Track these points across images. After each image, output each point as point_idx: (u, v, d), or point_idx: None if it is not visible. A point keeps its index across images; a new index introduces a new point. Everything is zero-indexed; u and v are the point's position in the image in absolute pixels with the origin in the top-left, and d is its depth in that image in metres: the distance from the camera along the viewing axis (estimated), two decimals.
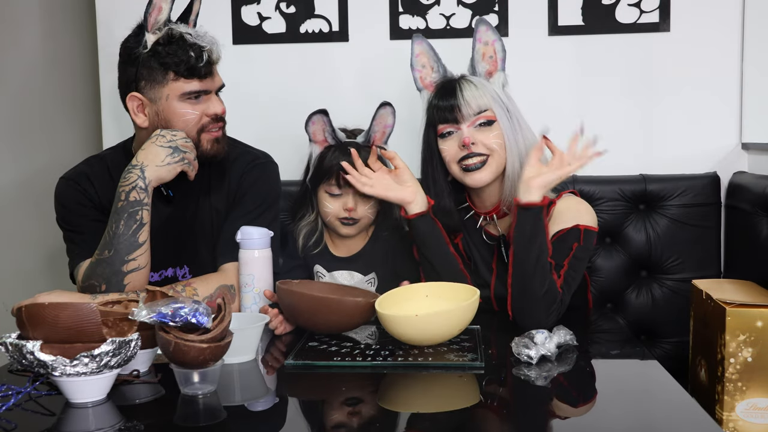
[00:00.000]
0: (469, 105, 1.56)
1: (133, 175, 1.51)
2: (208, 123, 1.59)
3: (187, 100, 1.57)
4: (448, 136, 1.60)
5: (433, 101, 1.61)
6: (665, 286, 1.99)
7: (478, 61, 1.63)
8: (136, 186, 1.51)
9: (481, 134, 1.58)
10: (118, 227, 1.50)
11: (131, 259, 1.50)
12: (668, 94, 2.08)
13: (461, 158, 1.58)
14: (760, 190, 1.80)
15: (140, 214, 1.51)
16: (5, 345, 1.13)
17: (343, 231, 1.67)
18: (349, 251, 1.71)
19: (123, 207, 1.51)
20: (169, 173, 1.53)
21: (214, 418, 1.13)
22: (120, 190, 1.52)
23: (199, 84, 1.56)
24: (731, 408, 1.46)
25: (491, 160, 1.58)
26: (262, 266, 1.53)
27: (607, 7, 2.06)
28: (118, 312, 1.21)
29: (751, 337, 1.44)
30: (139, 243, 1.51)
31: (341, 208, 1.65)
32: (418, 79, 1.67)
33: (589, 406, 1.19)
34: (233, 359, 1.31)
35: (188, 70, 1.54)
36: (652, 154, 2.09)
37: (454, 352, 1.35)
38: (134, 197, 1.50)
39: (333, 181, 1.64)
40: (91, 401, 1.14)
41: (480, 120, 1.58)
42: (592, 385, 1.28)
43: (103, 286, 1.50)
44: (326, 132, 1.66)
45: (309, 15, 2.13)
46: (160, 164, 1.52)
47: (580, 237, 1.55)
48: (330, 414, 1.15)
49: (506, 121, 1.59)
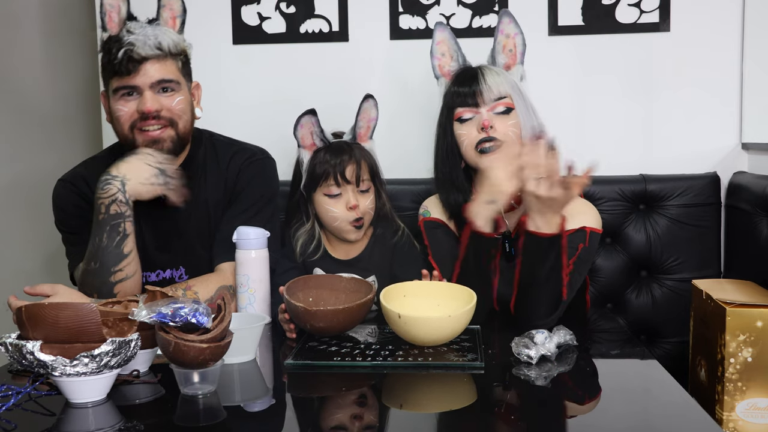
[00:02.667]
0: (490, 89, 1.57)
1: (113, 187, 1.49)
2: (137, 120, 1.56)
3: (122, 97, 1.56)
4: (467, 121, 1.60)
5: (453, 87, 1.62)
6: (665, 286, 1.99)
7: (499, 52, 1.64)
8: (116, 199, 1.49)
9: (500, 121, 1.58)
10: (101, 240, 1.49)
11: (118, 269, 1.50)
12: (668, 94, 2.08)
13: (479, 141, 1.58)
14: (760, 190, 1.80)
15: (122, 226, 1.50)
16: (5, 345, 1.13)
17: (353, 236, 1.66)
18: (348, 252, 1.71)
19: (105, 220, 1.49)
20: (149, 193, 1.52)
21: (214, 418, 1.13)
22: (99, 202, 1.50)
23: (120, 81, 1.54)
24: (731, 408, 1.46)
25: (505, 147, 1.58)
26: (259, 267, 1.53)
27: (607, 7, 2.06)
28: (118, 312, 1.21)
29: (751, 337, 1.44)
30: (124, 254, 1.51)
31: (345, 209, 1.63)
32: (436, 67, 1.68)
33: (590, 406, 1.19)
34: (233, 359, 1.30)
35: (110, 67, 1.54)
36: (652, 154, 2.09)
37: (454, 352, 1.35)
38: (115, 210, 1.49)
39: (331, 180, 1.63)
40: (91, 401, 1.14)
41: (500, 106, 1.58)
42: (592, 385, 1.28)
43: (95, 294, 1.50)
44: (314, 134, 1.66)
45: (309, 15, 2.13)
46: (143, 182, 1.51)
47: (586, 239, 1.56)
48: (330, 414, 1.15)
49: (524, 111, 1.60)
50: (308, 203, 1.69)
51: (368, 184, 1.66)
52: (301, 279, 1.54)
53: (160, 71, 1.55)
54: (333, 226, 1.66)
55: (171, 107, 1.57)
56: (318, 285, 1.56)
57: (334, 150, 1.64)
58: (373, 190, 1.68)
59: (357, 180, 1.63)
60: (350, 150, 1.64)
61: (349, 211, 1.63)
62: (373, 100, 1.68)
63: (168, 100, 1.57)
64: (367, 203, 1.66)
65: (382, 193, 1.71)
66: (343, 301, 1.50)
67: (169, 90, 1.57)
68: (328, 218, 1.66)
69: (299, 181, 1.69)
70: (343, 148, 1.65)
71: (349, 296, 1.52)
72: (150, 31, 1.54)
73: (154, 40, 1.53)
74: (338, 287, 1.56)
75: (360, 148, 1.67)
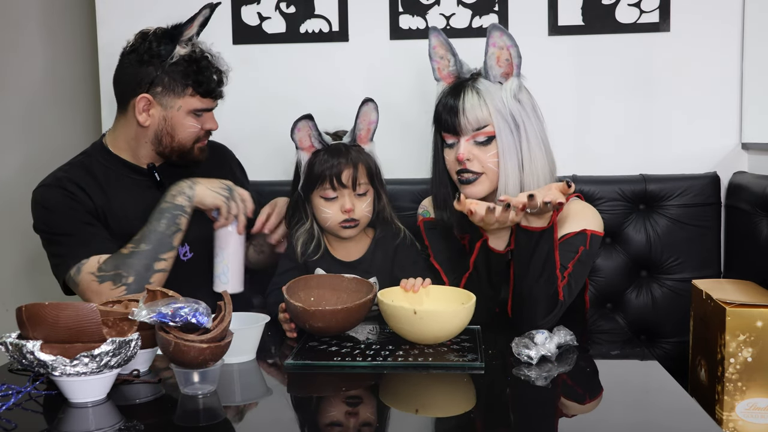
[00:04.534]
0: (468, 121, 1.55)
1: (184, 185, 1.64)
2: (203, 136, 1.72)
3: (194, 115, 1.68)
4: (450, 147, 1.61)
5: (439, 106, 1.61)
6: (665, 286, 1.99)
7: (492, 66, 1.59)
8: (183, 193, 1.63)
9: (479, 151, 1.57)
10: (159, 224, 1.60)
11: (163, 258, 1.60)
12: (668, 94, 2.08)
13: (458, 171, 1.59)
14: (760, 190, 1.80)
15: (180, 219, 1.62)
16: (5, 345, 1.13)
17: (345, 234, 1.67)
18: (350, 254, 1.70)
19: (168, 208, 1.62)
20: (212, 200, 1.64)
21: (214, 418, 1.13)
22: (168, 192, 1.63)
23: (211, 103, 1.70)
24: (731, 408, 1.46)
25: (485, 178, 1.57)
26: (233, 242, 1.67)
27: (607, 7, 2.06)
28: (118, 312, 1.21)
29: (751, 337, 1.44)
30: (173, 245, 1.61)
31: (339, 211, 1.64)
32: (436, 70, 1.67)
33: (590, 406, 1.19)
34: (233, 359, 1.31)
35: (208, 90, 1.66)
36: (652, 154, 2.09)
37: (454, 352, 1.35)
38: (180, 201, 1.62)
39: (327, 184, 1.63)
40: (91, 401, 1.14)
41: (478, 137, 1.56)
42: (592, 385, 1.28)
43: (131, 278, 1.55)
44: (312, 137, 1.66)
45: (309, 15, 2.13)
46: (211, 188, 1.64)
47: (587, 241, 1.56)
48: (330, 414, 1.15)
49: (508, 136, 1.55)
50: (306, 203, 1.69)
51: (366, 188, 1.66)
52: (303, 278, 1.55)
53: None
54: (325, 225, 1.67)
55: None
56: (319, 285, 1.56)
57: (332, 153, 1.64)
58: (372, 193, 1.68)
59: (353, 183, 1.63)
60: (348, 153, 1.64)
61: (342, 213, 1.64)
62: (373, 103, 1.67)
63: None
64: (363, 206, 1.66)
65: (382, 195, 1.71)
66: (344, 301, 1.50)
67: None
68: (321, 218, 1.67)
69: (298, 181, 1.69)
70: (341, 151, 1.64)
71: (350, 296, 1.53)
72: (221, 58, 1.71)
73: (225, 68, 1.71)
74: (340, 287, 1.56)
75: (359, 150, 1.66)
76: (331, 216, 1.64)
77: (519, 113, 1.57)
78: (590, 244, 1.56)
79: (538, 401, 1.21)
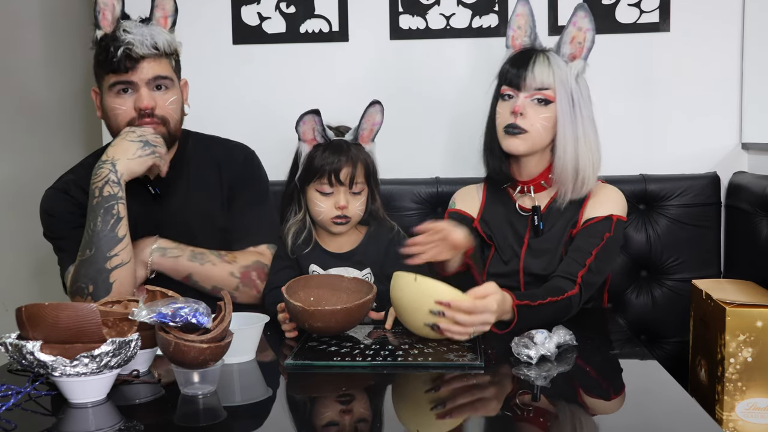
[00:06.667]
0: (534, 77, 1.58)
1: (104, 170, 1.53)
2: (135, 118, 1.60)
3: (118, 94, 1.60)
4: (506, 99, 1.63)
5: (506, 65, 1.64)
6: (665, 286, 1.99)
7: (565, 42, 1.64)
8: (108, 180, 1.52)
9: (534, 110, 1.59)
10: (95, 224, 1.51)
11: (113, 254, 1.51)
12: (668, 93, 2.08)
13: (507, 125, 1.61)
14: (760, 190, 1.80)
15: (116, 208, 1.52)
16: (5, 345, 1.13)
17: (335, 230, 1.68)
18: (341, 246, 1.71)
19: (98, 203, 1.52)
20: (140, 166, 1.55)
21: (214, 418, 1.13)
22: (93, 187, 1.53)
23: (117, 77, 1.58)
24: (731, 408, 1.46)
25: (528, 137, 1.60)
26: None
27: (607, 7, 2.06)
28: (118, 312, 1.21)
29: (751, 337, 1.44)
30: (119, 237, 1.52)
31: (333, 207, 1.65)
32: (509, 38, 1.69)
33: (590, 406, 1.19)
34: (233, 359, 1.31)
35: (107, 64, 1.58)
36: (652, 154, 2.09)
37: (454, 352, 1.35)
38: (108, 192, 1.52)
39: (324, 179, 1.64)
40: (91, 401, 1.14)
41: (538, 96, 1.59)
42: (592, 385, 1.28)
43: (90, 287, 1.50)
44: (316, 131, 1.67)
45: (309, 15, 2.13)
46: (131, 157, 1.54)
47: (611, 227, 1.58)
48: (330, 414, 1.15)
49: (566, 106, 1.59)
50: (301, 194, 1.70)
51: (362, 186, 1.67)
52: (302, 278, 1.55)
53: (156, 69, 1.60)
54: (318, 219, 1.69)
55: (164, 106, 1.62)
56: (319, 285, 1.56)
57: (333, 149, 1.65)
58: (366, 192, 1.69)
59: (351, 181, 1.64)
60: (348, 151, 1.65)
61: (336, 209, 1.64)
62: (380, 105, 1.68)
63: (162, 98, 1.62)
64: (357, 205, 1.67)
65: (376, 195, 1.72)
66: (344, 301, 1.50)
67: (162, 87, 1.62)
68: (314, 211, 1.68)
69: (296, 172, 1.70)
70: (342, 148, 1.65)
71: (350, 296, 1.53)
72: (146, 30, 1.59)
73: (151, 40, 1.59)
74: (340, 287, 1.56)
75: (359, 149, 1.67)
76: (325, 210, 1.65)
77: (578, 94, 1.61)
78: (615, 230, 1.58)
79: (538, 401, 1.21)
